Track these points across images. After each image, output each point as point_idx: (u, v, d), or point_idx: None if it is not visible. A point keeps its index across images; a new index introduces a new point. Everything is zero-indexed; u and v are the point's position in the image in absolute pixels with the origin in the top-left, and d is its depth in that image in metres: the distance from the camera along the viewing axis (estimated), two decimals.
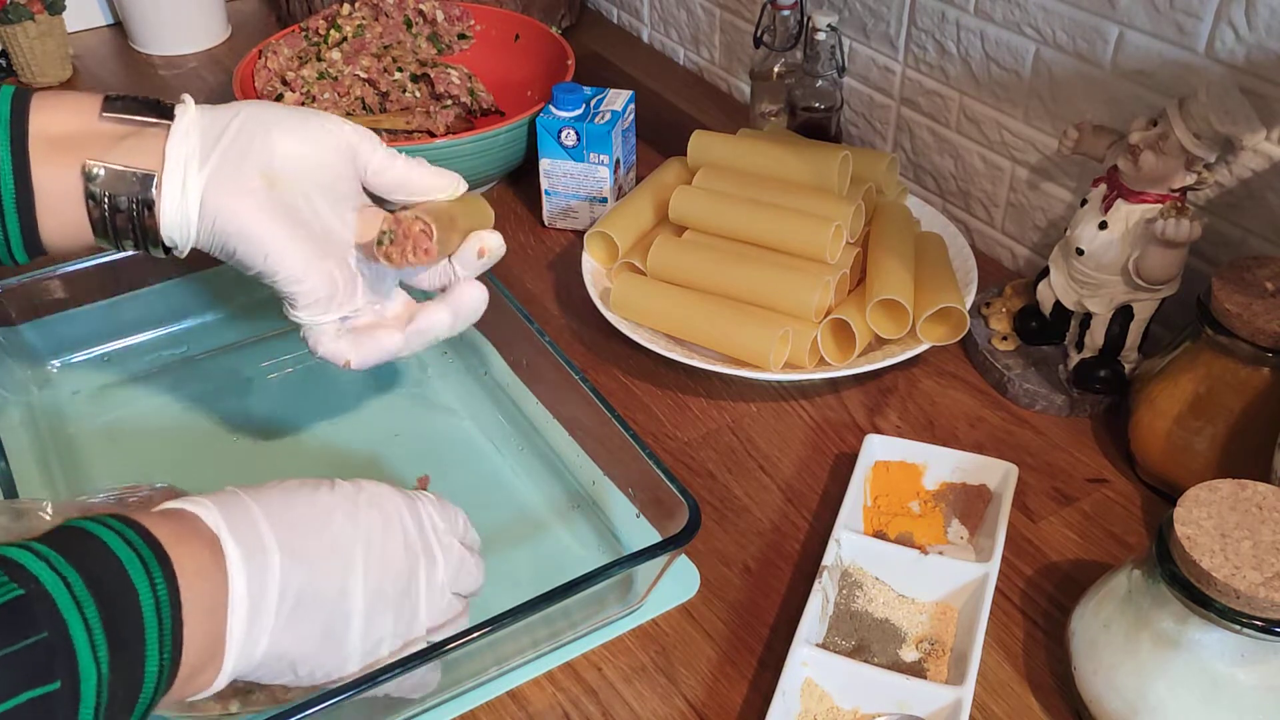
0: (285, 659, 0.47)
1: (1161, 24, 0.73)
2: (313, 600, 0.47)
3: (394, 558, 0.51)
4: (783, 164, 0.87)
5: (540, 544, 0.67)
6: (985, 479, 0.69)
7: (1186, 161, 0.68)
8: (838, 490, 0.70)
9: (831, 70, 0.92)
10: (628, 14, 1.30)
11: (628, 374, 0.81)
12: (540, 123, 0.91)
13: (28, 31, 1.15)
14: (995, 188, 0.91)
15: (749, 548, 0.68)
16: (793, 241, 0.80)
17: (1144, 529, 0.69)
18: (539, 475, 0.72)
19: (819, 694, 0.58)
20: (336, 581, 0.48)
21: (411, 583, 0.51)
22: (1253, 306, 0.63)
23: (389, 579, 0.50)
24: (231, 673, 0.45)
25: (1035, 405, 0.77)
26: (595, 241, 0.86)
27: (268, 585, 0.46)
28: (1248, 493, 0.54)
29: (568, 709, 0.59)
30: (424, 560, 0.52)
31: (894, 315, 0.78)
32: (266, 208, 0.56)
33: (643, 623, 0.63)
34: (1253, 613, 0.49)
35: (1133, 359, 0.75)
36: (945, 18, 0.89)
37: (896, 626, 0.62)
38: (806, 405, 0.78)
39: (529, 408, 0.75)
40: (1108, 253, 0.72)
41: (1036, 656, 0.62)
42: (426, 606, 0.52)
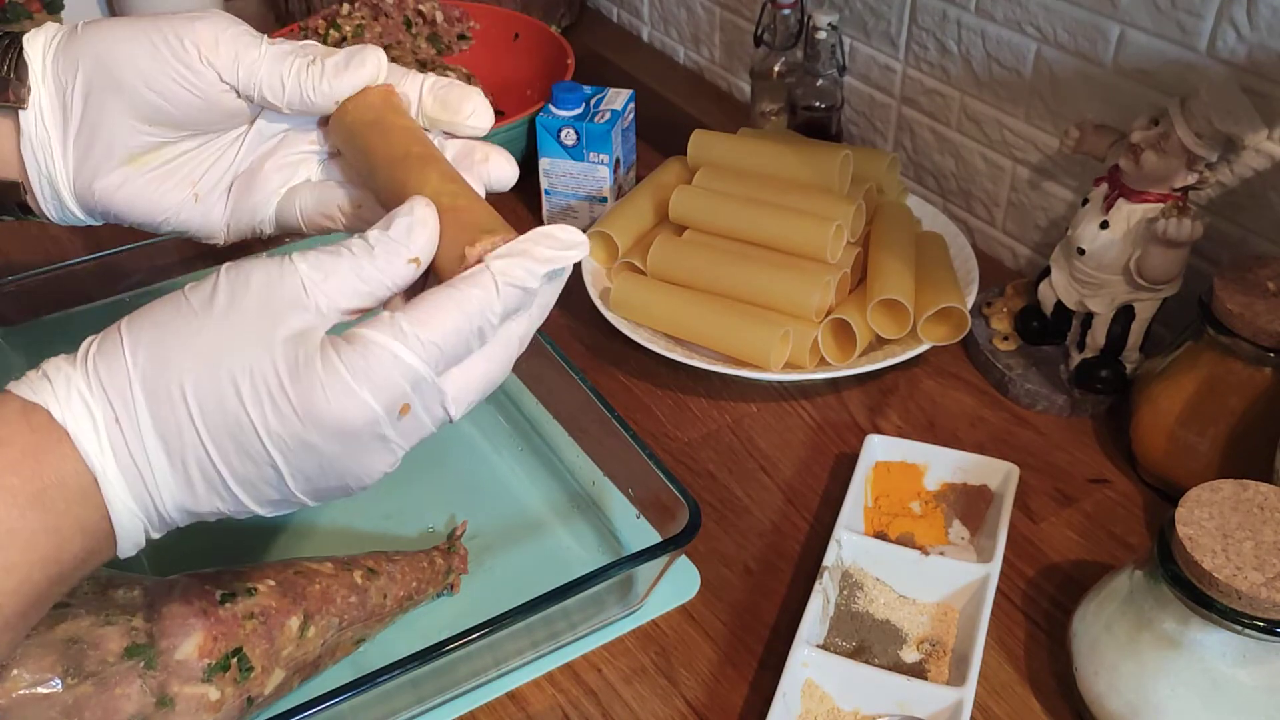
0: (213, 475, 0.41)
1: (1163, 23, 0.73)
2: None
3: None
4: (783, 163, 0.86)
5: (540, 544, 0.67)
6: (986, 479, 0.69)
7: (1188, 161, 0.68)
8: (838, 490, 0.70)
9: (832, 69, 0.91)
10: (628, 13, 1.30)
11: (628, 374, 0.81)
12: (540, 122, 0.91)
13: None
14: (996, 187, 0.90)
15: (749, 548, 0.68)
16: (793, 241, 0.80)
17: (1145, 529, 0.69)
18: (539, 475, 0.71)
19: (820, 695, 0.58)
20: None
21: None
22: (1254, 306, 0.63)
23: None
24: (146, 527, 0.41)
25: (1036, 405, 0.77)
26: (595, 241, 0.86)
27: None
28: (1249, 493, 0.53)
29: (567, 710, 0.59)
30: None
31: (895, 315, 0.78)
32: (145, 192, 0.51)
33: (643, 624, 0.63)
34: (1254, 613, 0.49)
35: (1134, 359, 0.75)
36: (946, 16, 0.88)
37: (897, 627, 0.62)
38: (807, 405, 0.78)
39: (529, 408, 0.75)
40: (1109, 252, 0.72)
41: (1038, 657, 0.61)
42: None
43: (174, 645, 0.51)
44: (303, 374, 0.40)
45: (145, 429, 0.40)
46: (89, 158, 0.50)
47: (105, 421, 0.39)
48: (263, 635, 0.53)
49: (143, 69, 0.49)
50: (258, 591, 0.54)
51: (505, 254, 0.43)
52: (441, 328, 0.41)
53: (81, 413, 0.39)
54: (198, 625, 0.51)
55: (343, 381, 0.40)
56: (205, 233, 0.54)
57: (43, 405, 0.39)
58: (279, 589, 0.55)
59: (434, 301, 0.42)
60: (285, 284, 0.41)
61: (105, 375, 0.40)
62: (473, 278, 0.42)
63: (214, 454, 0.40)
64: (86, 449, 0.39)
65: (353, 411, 0.40)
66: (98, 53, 0.50)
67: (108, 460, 0.39)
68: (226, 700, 0.51)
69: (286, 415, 0.40)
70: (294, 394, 0.40)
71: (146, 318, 0.41)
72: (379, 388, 0.40)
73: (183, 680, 0.50)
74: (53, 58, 0.50)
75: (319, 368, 0.40)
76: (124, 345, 0.40)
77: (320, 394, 0.40)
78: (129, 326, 0.41)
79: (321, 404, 0.40)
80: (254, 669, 0.52)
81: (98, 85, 0.49)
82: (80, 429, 0.39)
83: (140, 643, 0.50)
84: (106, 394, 0.40)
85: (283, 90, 0.50)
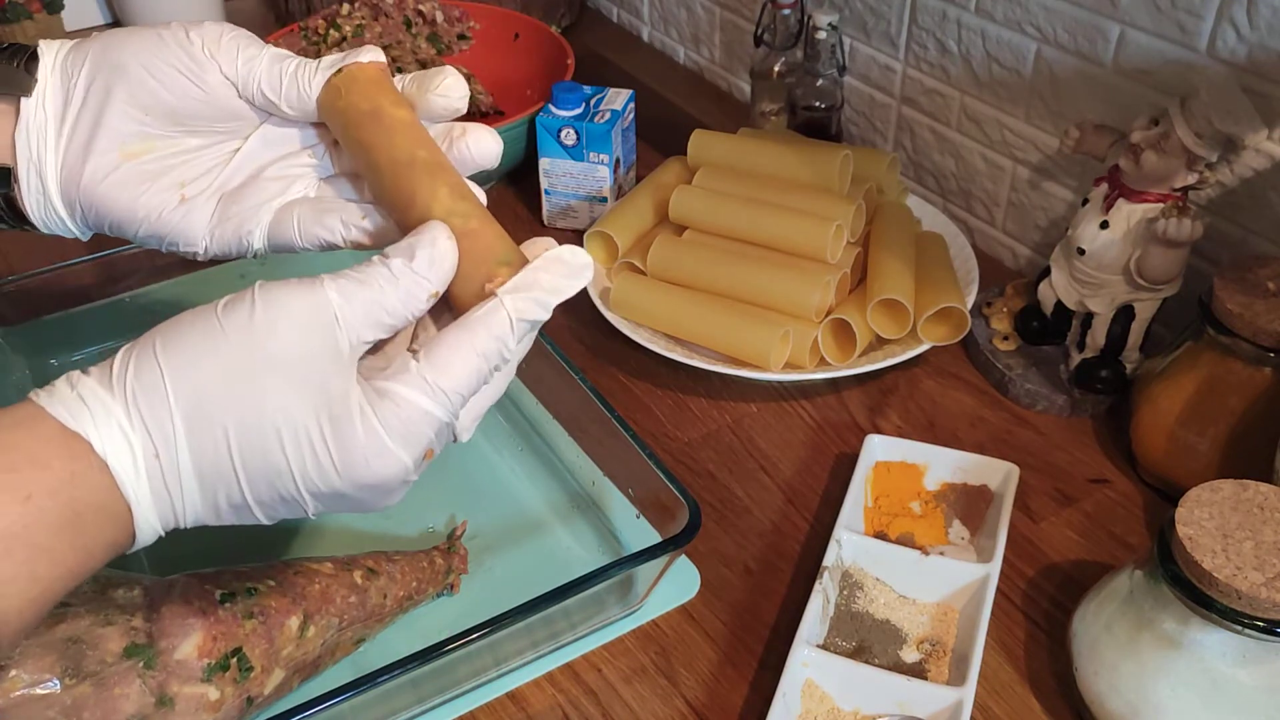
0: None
1: (1163, 23, 0.73)
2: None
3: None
4: (783, 163, 0.86)
5: (540, 544, 0.67)
6: (986, 479, 0.69)
7: (1188, 161, 0.68)
8: (838, 490, 0.70)
9: (832, 69, 0.91)
10: (628, 13, 1.30)
11: (628, 374, 0.81)
12: (540, 122, 0.91)
13: (26, 31, 1.15)
14: (996, 187, 0.90)
15: (749, 548, 0.68)
16: (793, 241, 0.80)
17: (1145, 529, 0.69)
18: (539, 475, 0.71)
19: (820, 695, 0.58)
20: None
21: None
22: (1254, 306, 0.63)
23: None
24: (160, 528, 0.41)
25: (1036, 405, 0.77)
26: (595, 241, 0.86)
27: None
28: (1249, 493, 0.53)
29: (567, 710, 0.59)
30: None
31: (895, 315, 0.78)
32: (130, 185, 0.50)
33: (643, 624, 0.63)
34: (1254, 613, 0.49)
35: (1134, 359, 0.75)
36: (946, 16, 0.88)
37: (897, 627, 0.62)
38: (807, 405, 0.78)
39: (529, 408, 0.75)
40: (1109, 252, 0.72)
41: (1038, 657, 0.61)
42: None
43: (173, 645, 0.50)
44: (344, 432, 0.41)
45: (184, 466, 0.40)
46: (85, 145, 0.50)
47: (144, 455, 0.40)
48: (262, 635, 0.53)
49: (146, 57, 0.49)
50: (258, 591, 0.54)
51: (518, 288, 0.43)
52: (463, 375, 0.42)
53: (121, 446, 0.39)
54: (197, 625, 0.51)
55: (382, 443, 0.41)
56: (185, 240, 0.52)
57: (83, 435, 0.39)
58: (279, 589, 0.55)
59: (453, 347, 0.42)
60: (321, 316, 0.41)
61: (145, 408, 0.40)
62: (488, 318, 0.43)
63: (248, 493, 0.41)
64: (124, 480, 0.40)
65: (390, 470, 0.42)
66: (106, 46, 0.50)
67: (143, 490, 0.40)
68: (226, 700, 0.51)
69: (326, 470, 0.41)
70: (335, 451, 0.41)
71: (184, 345, 0.41)
72: (412, 445, 0.42)
73: (182, 680, 0.50)
74: (65, 54, 0.50)
75: (359, 428, 0.41)
76: (164, 376, 0.40)
77: (360, 455, 0.41)
78: (165, 353, 0.40)
79: (361, 465, 0.41)
80: (254, 669, 0.52)
81: (102, 74, 0.49)
82: (120, 463, 0.39)
83: (140, 642, 0.50)
84: (147, 428, 0.40)
85: (280, 85, 0.50)
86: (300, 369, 0.40)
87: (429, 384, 0.42)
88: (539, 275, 0.44)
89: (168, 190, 0.51)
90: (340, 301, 0.41)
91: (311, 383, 0.40)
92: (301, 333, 0.41)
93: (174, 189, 0.51)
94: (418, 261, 0.42)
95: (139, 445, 0.40)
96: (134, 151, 0.50)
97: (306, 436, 0.40)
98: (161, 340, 0.41)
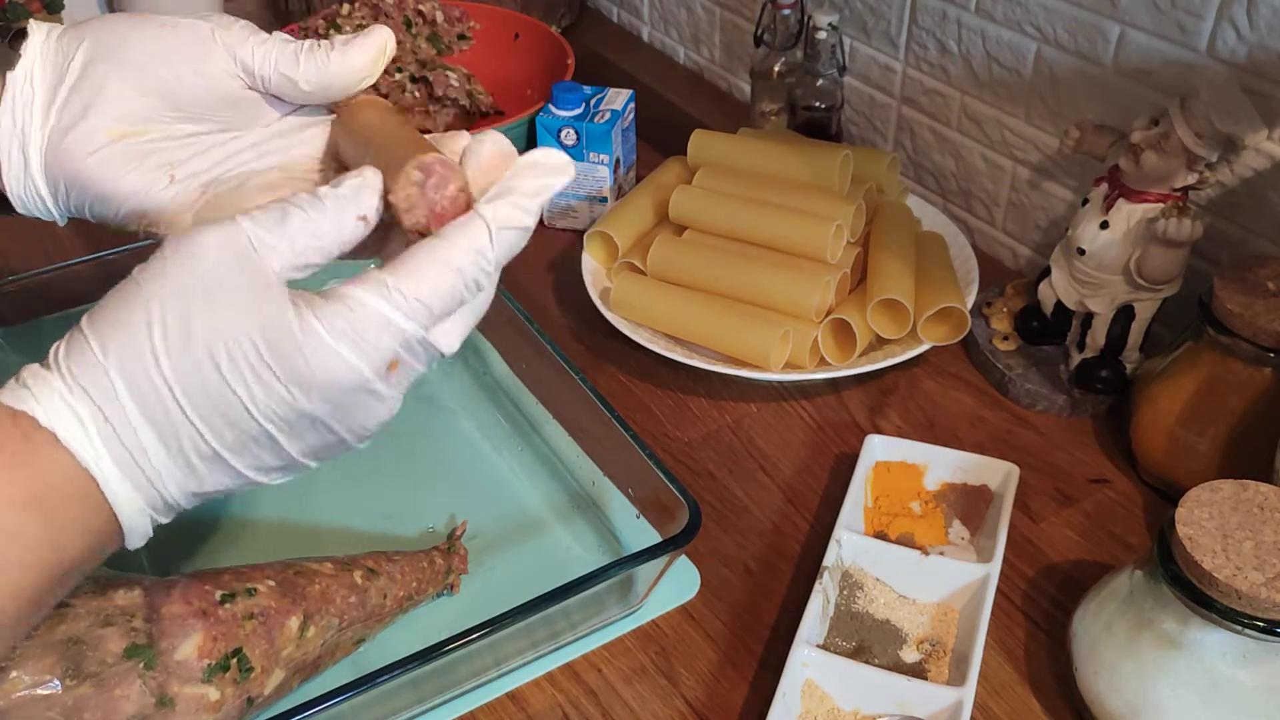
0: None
1: (1163, 23, 0.73)
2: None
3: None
4: (783, 163, 0.86)
5: (540, 544, 0.67)
6: (986, 479, 0.69)
7: (1188, 161, 0.68)
8: (838, 491, 0.70)
9: (832, 69, 0.91)
10: (628, 13, 1.30)
11: (628, 374, 0.81)
12: (540, 122, 0.91)
13: None
14: (996, 187, 0.90)
15: (749, 548, 0.68)
16: (793, 241, 0.80)
17: (1145, 529, 0.69)
18: (539, 475, 0.71)
19: (820, 695, 0.58)
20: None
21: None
22: (1254, 306, 0.63)
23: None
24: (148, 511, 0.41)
25: (1036, 405, 0.77)
26: (595, 241, 0.86)
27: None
28: (1249, 493, 0.53)
29: (567, 710, 0.59)
30: None
31: (895, 315, 0.78)
32: (117, 161, 0.49)
33: (643, 624, 0.63)
34: (1254, 613, 0.49)
35: (1134, 359, 0.75)
36: (946, 16, 0.88)
37: (897, 627, 0.62)
38: (807, 405, 0.78)
39: (529, 408, 0.75)
40: (1109, 252, 0.72)
41: (1038, 657, 0.61)
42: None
43: (174, 645, 0.50)
44: (279, 339, 0.39)
45: (134, 419, 0.39)
46: (76, 121, 0.49)
47: (93, 420, 0.39)
48: (262, 635, 0.53)
49: (151, 40, 0.49)
50: (258, 592, 0.54)
51: (494, 197, 0.42)
52: (434, 286, 0.40)
53: (66, 414, 0.39)
54: (197, 625, 0.51)
55: (321, 342, 0.39)
56: (169, 221, 0.50)
57: (27, 412, 0.39)
58: (279, 589, 0.55)
59: (421, 256, 0.40)
60: (235, 243, 0.40)
61: (80, 373, 0.39)
62: (463, 227, 0.41)
63: (206, 433, 0.40)
64: (77, 450, 0.39)
65: (337, 372, 0.39)
66: (109, 27, 0.49)
67: (102, 457, 0.39)
68: (226, 700, 0.51)
69: (270, 384, 0.39)
70: (273, 361, 0.39)
71: (105, 311, 0.41)
72: (364, 348, 0.40)
73: (182, 681, 0.50)
74: (60, 33, 0.50)
75: (295, 330, 0.39)
76: (90, 341, 0.40)
77: (300, 358, 0.39)
78: (90, 323, 0.40)
79: (303, 368, 0.39)
80: (254, 669, 0.52)
81: (102, 53, 0.49)
82: (68, 431, 0.39)
83: (140, 643, 0.50)
84: (87, 392, 0.39)
85: (298, 64, 0.49)
86: (222, 296, 0.39)
87: (389, 288, 0.40)
88: (516, 181, 0.42)
89: (156, 169, 0.50)
90: (254, 228, 0.40)
91: (238, 306, 0.39)
92: (215, 264, 0.39)
93: (163, 169, 0.50)
94: (344, 186, 0.42)
95: (84, 411, 0.39)
96: (126, 132, 0.49)
97: (242, 356, 0.39)
98: (87, 317, 0.41)
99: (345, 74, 0.49)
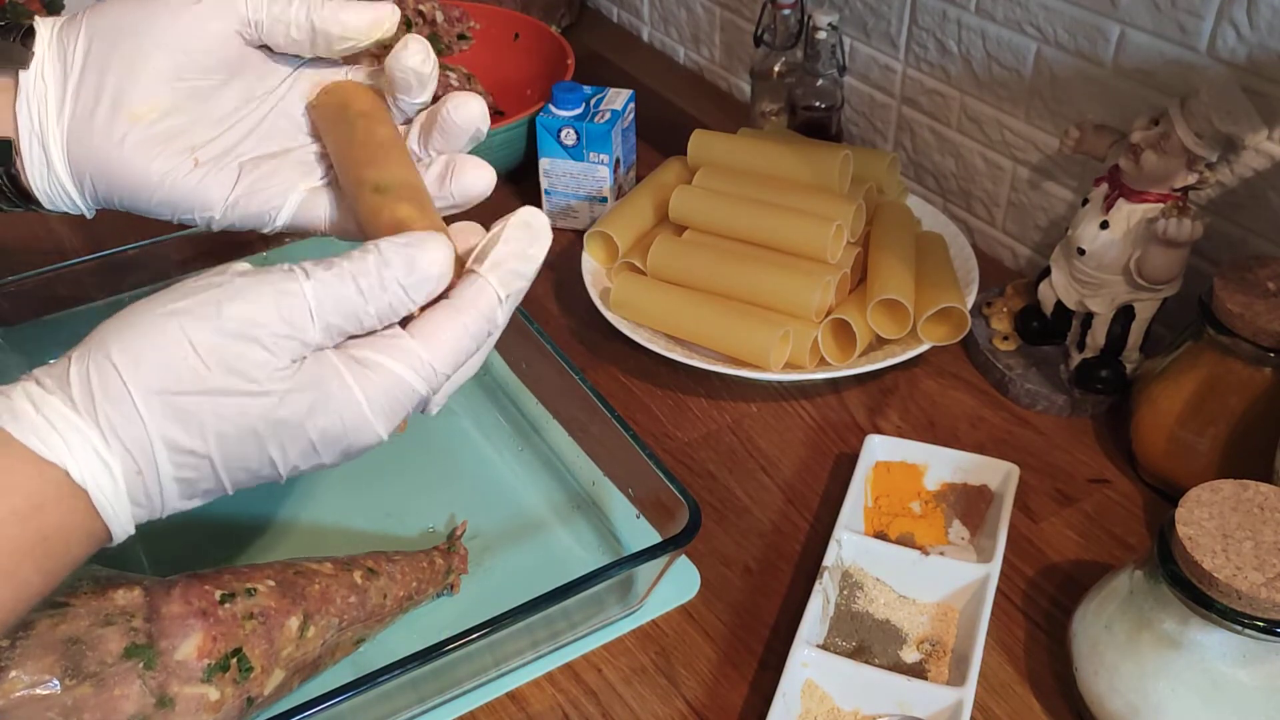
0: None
1: (1163, 23, 0.73)
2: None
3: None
4: (783, 163, 0.86)
5: (540, 544, 0.67)
6: (986, 479, 0.69)
7: (1188, 161, 0.68)
8: (838, 490, 0.70)
9: (832, 69, 0.91)
10: (628, 13, 1.30)
11: (628, 374, 0.81)
12: (540, 122, 0.91)
13: None
14: (996, 187, 0.90)
15: (749, 548, 0.68)
16: (793, 241, 0.80)
17: (1145, 529, 0.69)
18: (539, 475, 0.71)
19: (820, 695, 0.58)
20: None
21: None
22: (1254, 306, 0.63)
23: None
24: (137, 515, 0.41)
25: (1036, 405, 0.77)
26: (595, 241, 0.86)
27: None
28: (1249, 493, 0.53)
29: (567, 710, 0.59)
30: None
31: (895, 315, 0.78)
32: (142, 149, 0.49)
33: (643, 624, 0.63)
34: (1254, 613, 0.49)
35: (1134, 359, 0.75)
36: (946, 16, 0.88)
37: (897, 627, 0.62)
38: (807, 405, 0.78)
39: (529, 408, 0.75)
40: (1109, 252, 0.72)
41: (1038, 657, 0.61)
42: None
43: (174, 645, 0.50)
44: (327, 417, 0.40)
45: (165, 479, 0.40)
46: (91, 112, 0.49)
47: (125, 474, 0.39)
48: (262, 635, 0.53)
49: (145, 16, 0.49)
50: (257, 592, 0.54)
51: (498, 263, 0.44)
52: (451, 352, 0.42)
53: (100, 470, 0.38)
54: (197, 625, 0.51)
55: (364, 418, 0.41)
56: (201, 206, 0.50)
57: (59, 464, 0.38)
58: (279, 589, 0.55)
59: (443, 324, 0.42)
60: (295, 309, 0.40)
61: (122, 430, 0.38)
62: (478, 297, 0.43)
63: (226, 483, 0.41)
64: (103, 503, 0.39)
65: (368, 442, 0.42)
66: (101, 12, 0.49)
67: (122, 505, 0.39)
68: (226, 701, 0.51)
69: (305, 449, 0.41)
70: (318, 436, 0.41)
71: (146, 353, 0.39)
72: (392, 417, 0.42)
73: (182, 681, 0.50)
74: (60, 26, 0.50)
75: (345, 406, 0.40)
76: (133, 394, 0.38)
77: (341, 428, 0.41)
78: (132, 368, 0.39)
79: (341, 435, 0.41)
80: (254, 669, 0.52)
81: (100, 38, 0.49)
82: (99, 485, 0.38)
83: (140, 643, 0.50)
84: (127, 449, 0.39)
85: (290, 5, 0.49)
86: (276, 362, 0.40)
87: (421, 360, 0.41)
88: (510, 246, 0.44)
89: (179, 155, 0.50)
90: (315, 298, 0.40)
91: (288, 374, 0.40)
92: (273, 326, 0.40)
93: (185, 153, 0.50)
94: (412, 281, 0.42)
95: (118, 466, 0.39)
96: (142, 115, 0.49)
97: (286, 428, 0.40)
98: (119, 349, 0.39)
99: (336, 26, 0.50)
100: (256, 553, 0.66)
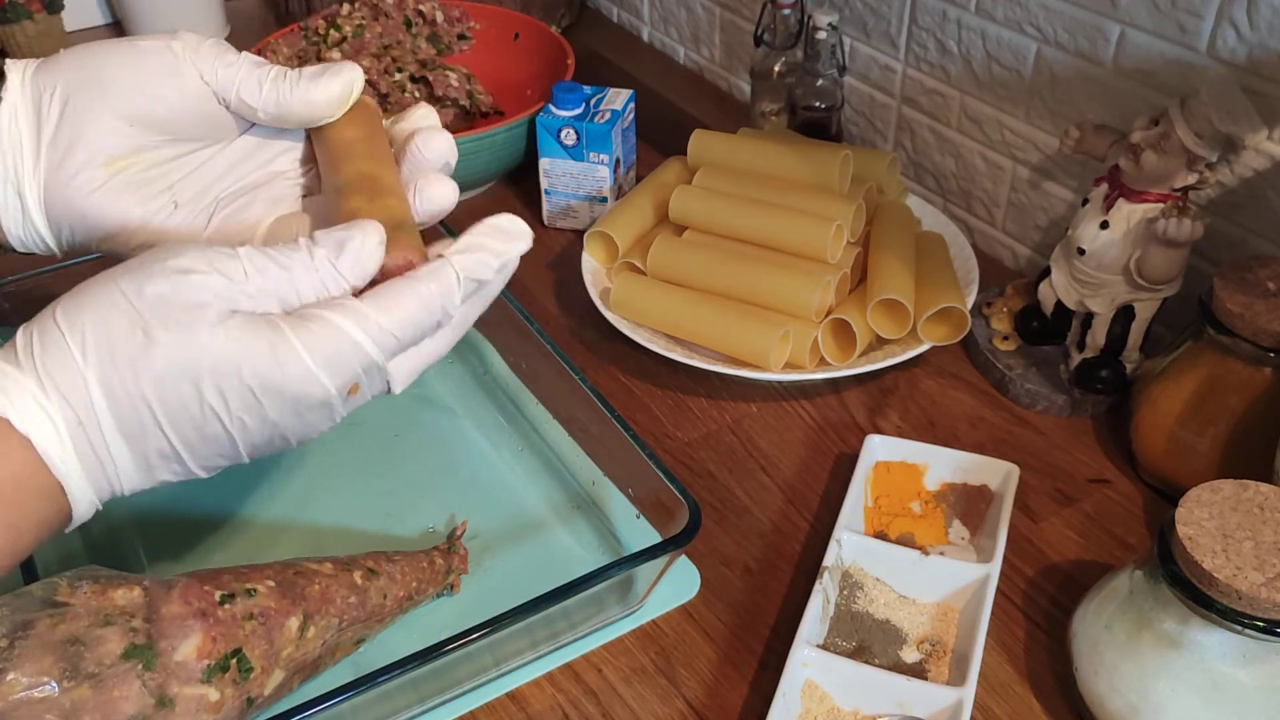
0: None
1: (1163, 23, 0.73)
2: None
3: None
4: (783, 163, 0.86)
5: (540, 544, 0.67)
6: (986, 479, 0.69)
7: (1188, 161, 0.68)
8: (838, 490, 0.70)
9: (832, 69, 0.91)
10: (628, 13, 1.30)
11: (628, 374, 0.81)
12: (540, 122, 0.91)
13: (26, 31, 1.15)
14: (996, 187, 0.90)
15: (749, 548, 0.68)
16: (793, 241, 0.80)
17: (1145, 529, 0.69)
18: (539, 475, 0.71)
19: (820, 695, 0.58)
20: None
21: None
22: (1254, 306, 0.63)
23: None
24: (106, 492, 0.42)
25: (1036, 405, 0.77)
26: (595, 241, 0.86)
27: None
28: (1249, 493, 0.53)
29: (567, 710, 0.59)
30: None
31: (895, 315, 0.78)
32: (123, 195, 0.50)
33: (643, 624, 0.63)
34: (1254, 613, 0.49)
35: (1134, 359, 0.75)
36: (946, 16, 0.88)
37: (897, 627, 0.62)
38: (807, 405, 0.78)
39: (529, 408, 0.75)
40: (1109, 252, 0.72)
41: (1038, 657, 0.61)
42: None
43: (173, 646, 0.50)
44: (263, 359, 0.41)
45: (108, 430, 0.40)
46: (68, 160, 0.49)
47: (67, 425, 0.40)
48: (262, 636, 0.53)
49: (125, 67, 0.50)
50: (257, 592, 0.54)
51: (464, 250, 0.46)
52: (404, 318, 0.43)
53: (41, 419, 0.40)
54: (197, 626, 0.51)
55: (304, 366, 0.42)
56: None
57: (2, 415, 0.39)
58: (279, 589, 0.55)
59: (397, 292, 0.44)
60: (230, 266, 0.42)
61: (59, 378, 0.40)
62: (436, 272, 0.45)
63: (177, 444, 0.42)
64: (49, 453, 0.40)
65: (312, 391, 0.42)
66: (80, 60, 0.50)
67: (70, 461, 0.40)
68: (226, 701, 0.51)
69: (249, 402, 0.42)
70: (256, 381, 0.41)
71: (84, 311, 0.41)
72: (337, 371, 0.42)
73: (182, 681, 0.50)
74: (33, 72, 0.50)
75: (281, 350, 0.41)
76: (69, 343, 0.40)
77: (279, 374, 0.41)
78: (67, 321, 0.41)
79: (280, 383, 0.42)
80: (253, 669, 0.52)
81: (80, 87, 0.49)
82: (43, 435, 0.40)
83: (139, 643, 0.50)
84: (65, 399, 0.40)
85: (259, 91, 0.50)
86: (208, 314, 0.41)
87: (367, 317, 0.42)
88: (482, 239, 0.47)
89: (158, 197, 0.51)
90: (249, 259, 0.42)
91: (226, 327, 0.41)
92: (205, 287, 0.42)
93: (164, 195, 0.51)
94: (343, 260, 0.43)
95: (59, 416, 0.40)
96: (120, 165, 0.50)
97: (227, 377, 0.41)
98: (62, 309, 0.41)
99: (303, 108, 0.51)
100: (256, 553, 0.66)
